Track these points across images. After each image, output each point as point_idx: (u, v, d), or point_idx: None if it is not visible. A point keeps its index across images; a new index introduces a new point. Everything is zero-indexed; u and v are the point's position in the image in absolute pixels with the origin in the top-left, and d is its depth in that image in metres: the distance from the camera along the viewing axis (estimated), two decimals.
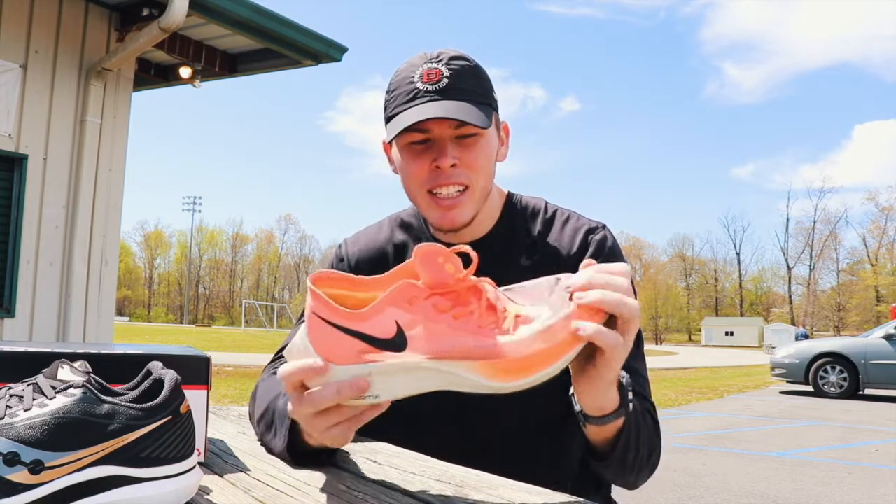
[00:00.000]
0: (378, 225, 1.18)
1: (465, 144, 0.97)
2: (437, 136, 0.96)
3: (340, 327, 0.60)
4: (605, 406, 0.75)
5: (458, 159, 0.96)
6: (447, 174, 0.96)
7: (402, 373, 0.60)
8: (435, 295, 0.60)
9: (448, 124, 0.95)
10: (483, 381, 0.58)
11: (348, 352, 0.60)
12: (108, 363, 0.73)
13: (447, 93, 0.94)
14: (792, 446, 5.99)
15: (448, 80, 0.95)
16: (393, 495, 0.64)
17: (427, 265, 0.60)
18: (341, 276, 0.65)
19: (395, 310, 0.59)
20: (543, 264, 1.02)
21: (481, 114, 0.94)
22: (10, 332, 4.78)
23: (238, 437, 0.95)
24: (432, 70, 0.95)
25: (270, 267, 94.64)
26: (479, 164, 0.98)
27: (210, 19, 5.01)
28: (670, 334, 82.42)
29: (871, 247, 72.86)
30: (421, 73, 0.96)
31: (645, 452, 0.88)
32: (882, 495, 4.25)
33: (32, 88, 4.91)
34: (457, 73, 0.96)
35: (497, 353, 0.57)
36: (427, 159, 0.97)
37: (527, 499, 0.63)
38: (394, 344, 0.59)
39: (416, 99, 0.95)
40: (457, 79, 0.95)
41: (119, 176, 5.42)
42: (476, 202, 1.00)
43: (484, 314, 0.60)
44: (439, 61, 0.96)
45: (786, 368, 10.92)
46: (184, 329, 49.69)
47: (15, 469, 0.49)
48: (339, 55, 5.80)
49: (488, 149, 1.00)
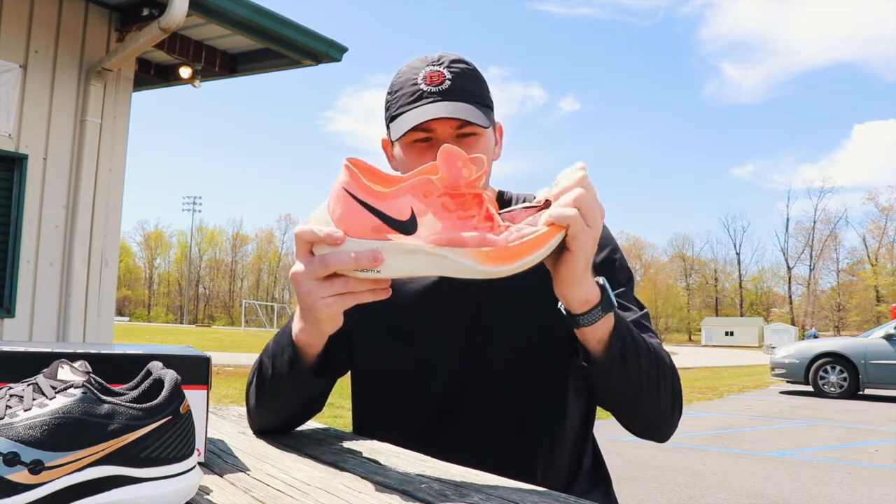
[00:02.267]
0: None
1: (465, 143, 1.01)
2: (440, 136, 1.00)
3: (364, 203, 0.68)
4: (589, 298, 0.77)
5: None
6: None
7: (408, 254, 0.67)
8: (446, 195, 0.68)
9: (450, 124, 0.99)
10: (477, 267, 0.66)
11: (364, 227, 0.68)
12: (108, 363, 0.73)
13: (450, 94, 1.00)
14: (792, 446, 6.00)
15: (450, 82, 1.00)
16: (393, 495, 0.64)
17: (447, 164, 0.68)
18: (373, 168, 0.72)
19: (412, 198, 0.68)
20: None
21: (482, 114, 0.99)
22: (10, 332, 4.78)
23: (238, 437, 0.95)
24: (435, 73, 1.01)
25: (270, 267, 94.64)
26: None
27: (210, 19, 5.00)
28: (670, 334, 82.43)
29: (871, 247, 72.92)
30: (424, 76, 1.01)
31: (659, 372, 0.88)
32: (882, 495, 4.25)
33: (32, 88, 4.91)
34: (458, 75, 1.01)
35: (489, 242, 0.67)
36: (429, 157, 1.00)
37: (527, 499, 0.63)
38: (405, 227, 0.68)
39: (420, 99, 1.00)
40: (458, 81, 1.01)
41: (119, 176, 5.42)
42: None
43: (482, 219, 0.69)
44: (441, 64, 1.02)
45: (786, 368, 10.92)
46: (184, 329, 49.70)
47: (15, 469, 0.49)
48: (339, 55, 5.80)
49: (486, 148, 1.04)
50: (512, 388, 1.02)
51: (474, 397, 1.03)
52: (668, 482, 4.47)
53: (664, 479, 4.54)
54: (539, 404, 1.02)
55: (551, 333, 1.02)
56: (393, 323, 1.07)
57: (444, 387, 1.04)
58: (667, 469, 4.79)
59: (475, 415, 1.02)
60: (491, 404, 1.02)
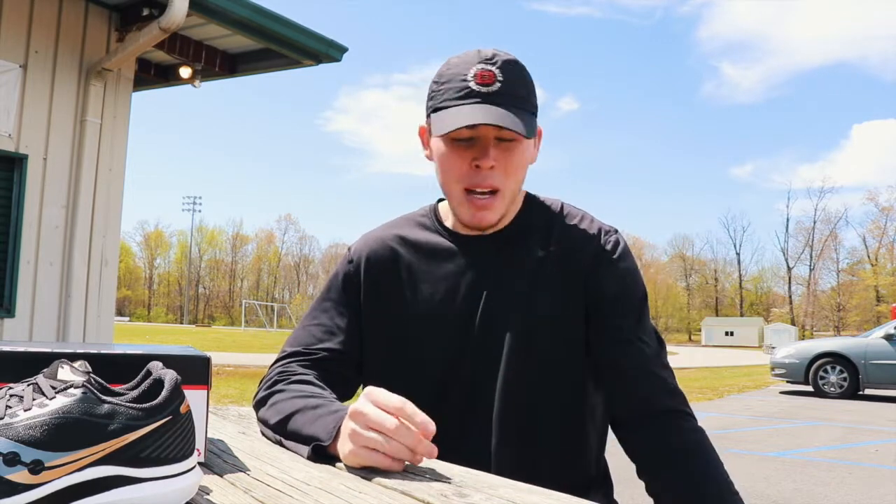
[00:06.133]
0: (387, 224, 1.19)
1: (505, 148, 1.00)
2: (482, 136, 0.99)
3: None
4: None
5: (496, 161, 0.99)
6: (484, 175, 0.99)
7: None
8: None
9: (493, 128, 0.98)
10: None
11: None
12: (108, 363, 0.73)
13: (498, 97, 0.98)
14: (792, 446, 6.00)
15: (500, 85, 0.98)
16: (393, 495, 0.64)
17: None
18: None
19: None
20: (558, 256, 1.05)
21: (527, 123, 0.97)
22: (10, 332, 4.78)
23: (238, 437, 0.95)
24: (486, 72, 0.99)
25: (270, 267, 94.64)
26: (515, 168, 1.01)
27: (210, 19, 5.00)
28: (670, 334, 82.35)
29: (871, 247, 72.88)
30: (475, 73, 0.99)
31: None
32: (882, 495, 4.25)
33: (32, 88, 4.91)
34: (510, 78, 0.99)
35: None
36: (468, 157, 1.01)
37: (527, 499, 0.63)
38: None
39: (468, 98, 0.98)
40: (508, 85, 0.99)
41: (119, 176, 5.42)
42: (506, 205, 1.03)
43: None
44: (494, 63, 0.99)
45: (786, 368, 10.91)
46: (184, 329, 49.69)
47: (15, 469, 0.49)
48: (339, 55, 5.80)
49: (525, 154, 1.03)
50: (520, 393, 1.01)
51: (484, 402, 1.02)
52: None
53: None
54: (543, 412, 1.02)
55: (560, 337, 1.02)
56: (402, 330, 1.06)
57: (455, 396, 1.03)
58: None
59: (483, 420, 1.02)
60: (500, 409, 1.01)
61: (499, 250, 1.07)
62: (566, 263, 1.05)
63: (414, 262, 1.09)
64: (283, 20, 5.30)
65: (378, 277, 1.10)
